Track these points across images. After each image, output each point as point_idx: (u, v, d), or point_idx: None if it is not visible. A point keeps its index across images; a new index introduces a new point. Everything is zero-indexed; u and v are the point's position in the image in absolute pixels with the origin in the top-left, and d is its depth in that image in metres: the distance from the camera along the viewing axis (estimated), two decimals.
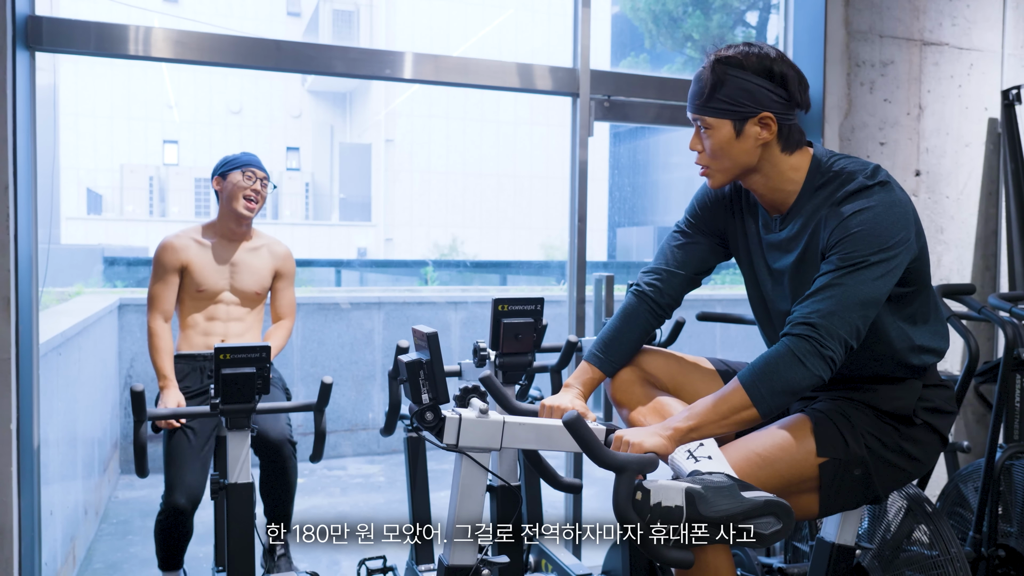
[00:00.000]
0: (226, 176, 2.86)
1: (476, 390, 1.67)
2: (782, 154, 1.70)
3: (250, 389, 2.16)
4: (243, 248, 2.92)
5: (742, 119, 1.66)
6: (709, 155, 1.72)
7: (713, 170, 1.73)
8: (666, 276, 1.90)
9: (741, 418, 1.57)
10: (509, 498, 2.30)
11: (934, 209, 3.56)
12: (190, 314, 2.88)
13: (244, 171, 2.85)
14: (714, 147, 1.69)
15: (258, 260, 2.93)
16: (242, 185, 2.84)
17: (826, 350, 1.54)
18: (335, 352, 5.97)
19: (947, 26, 3.55)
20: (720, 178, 1.74)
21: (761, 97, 1.65)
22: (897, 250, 1.58)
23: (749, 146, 1.68)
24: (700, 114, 1.69)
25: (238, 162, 2.87)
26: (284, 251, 3.01)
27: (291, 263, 3.02)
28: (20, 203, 2.49)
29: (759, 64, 1.65)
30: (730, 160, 1.70)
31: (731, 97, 1.65)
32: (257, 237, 2.98)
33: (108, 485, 4.87)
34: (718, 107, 1.66)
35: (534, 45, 17.06)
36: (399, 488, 5.21)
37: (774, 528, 1.42)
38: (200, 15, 17.82)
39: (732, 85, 1.65)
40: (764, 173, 1.72)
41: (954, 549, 2.07)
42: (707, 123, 1.69)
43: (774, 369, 1.55)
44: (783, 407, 1.58)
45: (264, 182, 2.89)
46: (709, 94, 1.66)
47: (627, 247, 15.31)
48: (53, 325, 3.52)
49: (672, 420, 1.59)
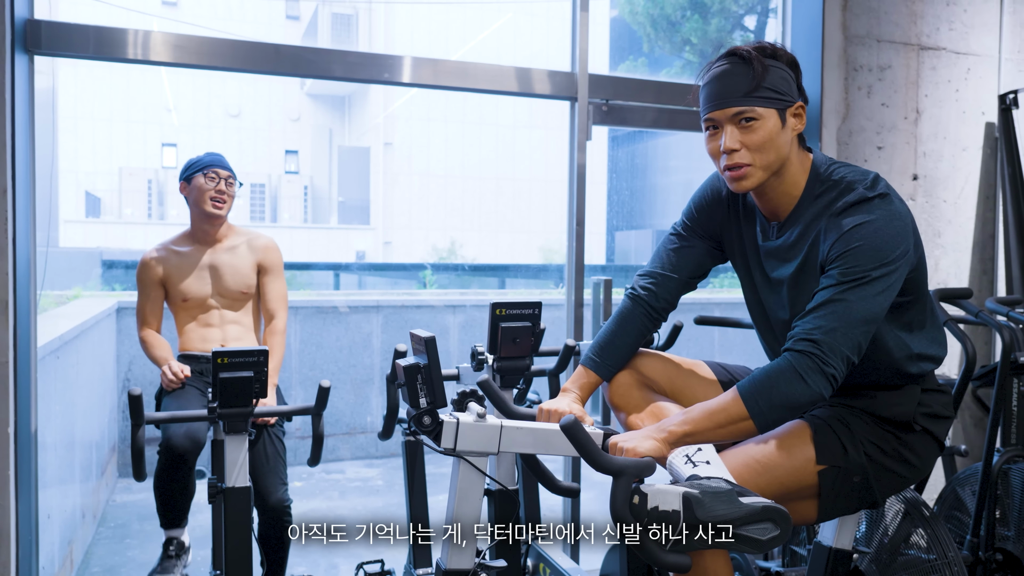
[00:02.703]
0: (191, 180, 2.83)
1: (474, 394, 1.67)
2: (800, 150, 1.71)
3: (248, 393, 2.15)
4: (219, 249, 2.87)
5: (784, 108, 1.66)
6: (753, 149, 1.64)
7: (756, 167, 1.66)
8: (661, 280, 1.90)
9: (737, 429, 1.56)
10: (507, 502, 2.30)
11: (931, 213, 3.56)
12: (185, 323, 2.87)
13: (206, 173, 2.81)
14: (763, 139, 1.64)
15: (237, 259, 2.88)
16: (206, 187, 2.80)
17: (828, 367, 1.53)
18: (333, 355, 5.97)
19: (944, 31, 3.56)
20: (760, 175, 1.67)
21: (793, 88, 1.67)
22: (897, 264, 1.58)
23: (788, 138, 1.68)
24: (750, 105, 1.63)
25: (200, 164, 2.83)
26: (265, 243, 2.93)
27: (274, 254, 2.93)
28: (18, 206, 2.49)
29: (786, 56, 1.68)
30: (775, 152, 1.66)
31: (775, 87, 1.64)
32: (235, 235, 2.92)
33: (106, 488, 4.86)
34: (768, 96, 1.64)
35: (533, 49, 17.07)
36: (397, 492, 5.21)
37: (772, 534, 1.42)
38: (199, 19, 17.84)
39: (775, 75, 1.64)
40: (781, 173, 1.69)
41: (951, 553, 2.07)
42: (756, 114, 1.63)
43: (775, 384, 1.54)
44: (780, 422, 1.58)
45: (229, 181, 2.84)
46: (758, 84, 1.63)
47: (625, 250, 15.32)
48: (51, 328, 3.52)
49: (667, 422, 1.58)
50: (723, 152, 1.67)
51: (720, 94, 1.65)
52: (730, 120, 1.65)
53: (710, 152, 1.72)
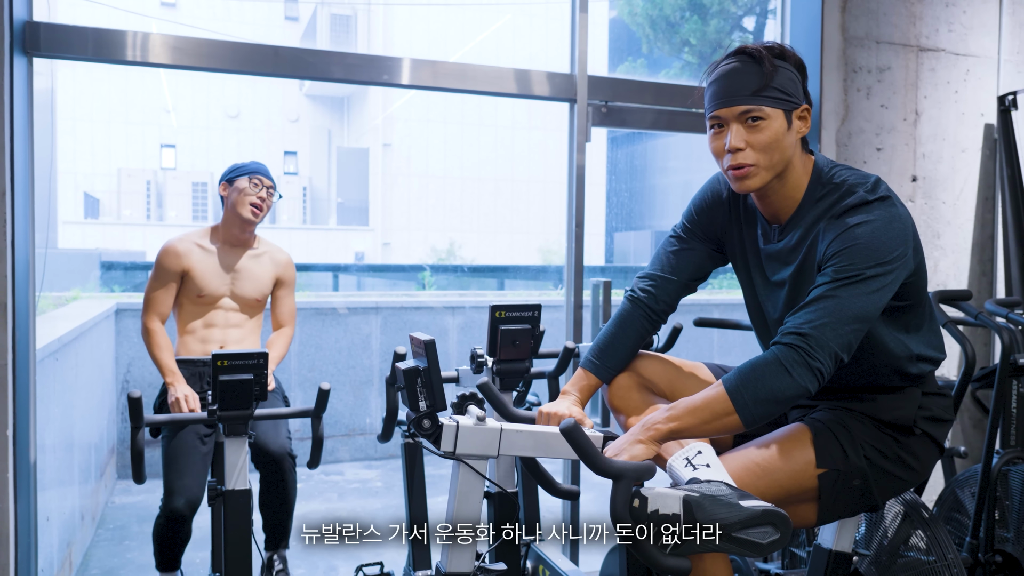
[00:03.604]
0: (233, 182, 2.89)
1: (473, 397, 1.67)
2: (803, 153, 1.71)
3: (248, 396, 2.15)
4: (246, 255, 2.94)
5: (790, 110, 1.65)
6: (759, 149, 1.63)
7: (760, 167, 1.64)
8: (661, 282, 1.90)
9: (723, 424, 1.53)
10: (506, 504, 2.30)
11: (931, 215, 3.57)
12: (189, 320, 2.87)
13: (251, 178, 2.88)
14: (768, 139, 1.62)
15: (260, 267, 2.95)
16: (248, 192, 2.86)
17: (814, 361, 1.51)
18: (332, 357, 5.96)
19: (943, 32, 3.56)
20: (764, 176, 1.65)
21: (800, 90, 1.66)
22: (894, 265, 1.56)
23: (793, 140, 1.67)
24: (758, 104, 1.61)
25: (246, 169, 2.89)
26: (286, 259, 3.03)
27: (292, 271, 3.05)
28: (18, 207, 2.48)
29: (794, 57, 1.67)
30: (780, 153, 1.64)
31: (783, 87, 1.63)
32: (260, 244, 3.00)
33: (105, 490, 4.86)
34: (776, 96, 1.62)
35: (532, 50, 17.08)
36: (396, 494, 5.21)
37: (771, 537, 1.41)
38: (197, 20, 17.85)
39: (783, 76, 1.63)
40: (786, 174, 1.69)
41: (951, 555, 2.07)
42: (763, 114, 1.62)
43: (759, 376, 1.52)
44: (767, 417, 1.53)
45: (270, 191, 2.92)
46: (766, 83, 1.61)
47: (625, 251, 15.33)
48: (50, 330, 3.51)
49: (652, 419, 1.55)
50: (728, 151, 1.65)
51: (728, 92, 1.63)
52: (737, 119, 1.63)
53: (714, 151, 1.70)
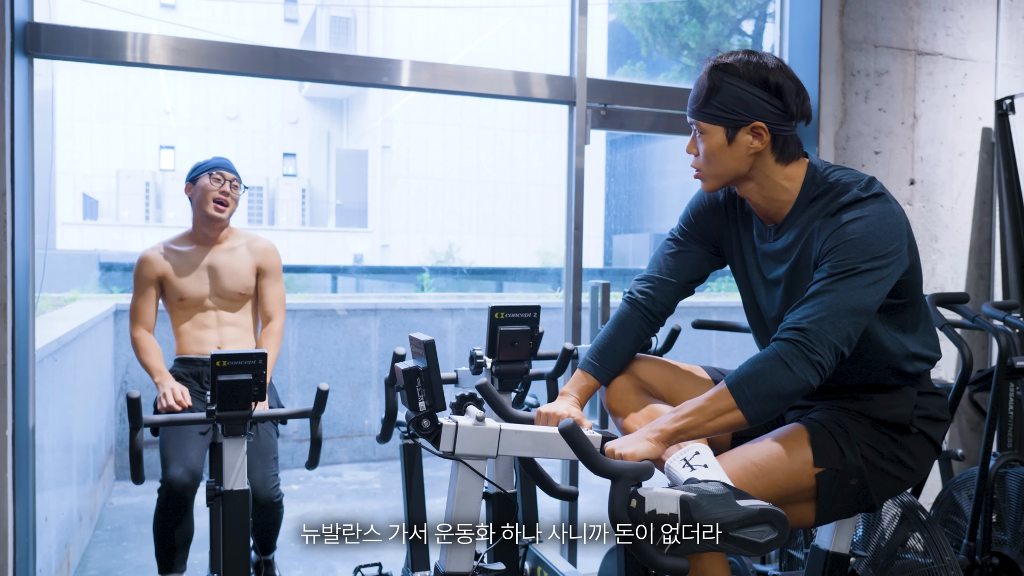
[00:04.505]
0: (196, 181, 2.85)
1: (473, 398, 1.67)
2: (776, 164, 1.71)
3: (246, 396, 2.16)
4: (219, 250, 2.88)
5: (735, 127, 1.67)
6: (702, 159, 1.74)
7: (705, 174, 1.76)
8: (659, 284, 1.91)
9: (727, 421, 1.56)
10: (505, 505, 2.30)
11: (928, 218, 3.58)
12: (181, 324, 2.87)
13: (212, 174, 2.83)
14: (707, 152, 1.72)
15: (236, 260, 2.89)
16: (210, 188, 2.82)
17: (814, 355, 1.53)
18: (331, 358, 5.96)
19: (941, 36, 3.58)
20: (712, 183, 1.77)
21: (755, 106, 1.66)
22: (889, 259, 1.58)
23: (741, 154, 1.69)
24: (695, 119, 1.72)
25: (207, 166, 2.86)
26: (264, 245, 2.94)
27: (273, 256, 2.95)
28: (17, 208, 2.49)
29: (755, 73, 1.66)
30: (721, 166, 1.72)
31: (725, 104, 1.67)
32: (235, 237, 2.94)
33: (103, 491, 4.86)
34: (712, 113, 1.68)
35: (531, 53, 17.08)
36: (395, 495, 5.21)
37: (769, 537, 1.42)
38: (197, 22, 17.84)
39: (727, 92, 1.66)
40: (757, 182, 1.73)
41: (948, 557, 2.07)
42: (701, 128, 1.71)
43: (760, 372, 1.54)
44: (770, 413, 1.56)
45: (234, 184, 2.86)
46: (704, 99, 1.69)
47: (623, 254, 15.32)
48: (49, 331, 3.52)
49: (658, 422, 1.59)
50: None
51: (688, 101, 1.75)
52: (691, 126, 1.75)
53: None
